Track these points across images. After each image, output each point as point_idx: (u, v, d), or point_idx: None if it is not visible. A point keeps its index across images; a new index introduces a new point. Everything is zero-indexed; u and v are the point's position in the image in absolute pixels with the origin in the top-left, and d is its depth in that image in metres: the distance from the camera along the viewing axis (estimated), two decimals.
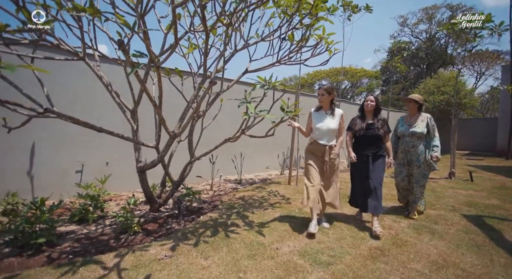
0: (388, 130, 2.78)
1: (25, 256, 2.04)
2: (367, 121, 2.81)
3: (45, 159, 3.47)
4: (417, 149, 3.02)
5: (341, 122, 2.72)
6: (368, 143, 2.76)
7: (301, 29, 3.23)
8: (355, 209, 3.22)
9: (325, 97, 2.67)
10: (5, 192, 3.17)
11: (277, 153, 5.97)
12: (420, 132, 2.99)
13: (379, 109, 2.81)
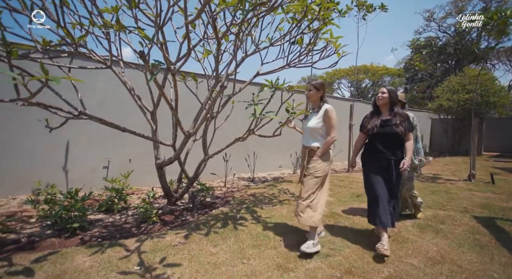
0: (409, 127, 2.33)
1: (63, 238, 2.40)
2: (382, 117, 2.40)
3: (77, 156, 3.92)
4: None
5: (327, 119, 2.30)
6: (385, 143, 2.34)
7: (310, 33, 3.38)
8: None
9: (311, 93, 2.42)
10: (45, 184, 3.63)
11: (290, 152, 6.12)
12: None
13: (394, 102, 2.39)
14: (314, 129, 2.32)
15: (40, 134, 3.56)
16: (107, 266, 1.93)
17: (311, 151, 2.34)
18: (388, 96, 2.37)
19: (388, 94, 2.37)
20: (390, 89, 2.39)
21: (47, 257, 2.02)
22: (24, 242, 2.27)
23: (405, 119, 2.35)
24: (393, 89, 2.41)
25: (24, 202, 3.10)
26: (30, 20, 2.17)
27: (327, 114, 2.29)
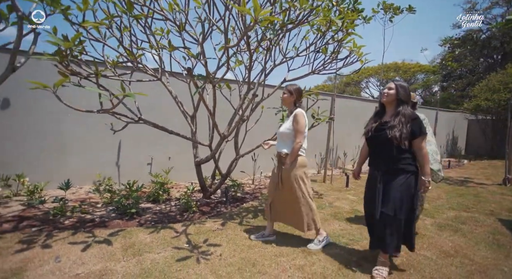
0: (412, 131, 1.85)
1: (125, 220, 2.97)
2: (384, 119, 1.99)
3: (127, 154, 4.59)
4: None
5: (294, 123, 2.24)
6: (378, 151, 2.01)
7: (334, 43, 3.66)
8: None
9: (285, 97, 2.41)
10: (103, 177, 4.33)
11: (315, 153, 6.39)
12: None
13: (403, 101, 1.93)
14: (283, 133, 2.32)
15: (98, 135, 4.26)
16: (163, 242, 2.43)
17: (280, 157, 2.34)
18: (395, 92, 1.93)
19: (396, 90, 1.93)
20: (400, 84, 1.96)
21: (117, 233, 2.59)
22: (98, 221, 2.87)
23: (409, 121, 1.86)
24: (403, 85, 1.96)
25: (91, 191, 3.79)
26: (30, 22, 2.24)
27: (295, 118, 2.25)
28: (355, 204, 3.77)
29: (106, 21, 2.58)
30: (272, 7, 2.99)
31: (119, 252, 2.21)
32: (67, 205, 3.16)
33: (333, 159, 7.18)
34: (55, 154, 4.01)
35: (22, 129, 3.76)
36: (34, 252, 2.13)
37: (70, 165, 4.11)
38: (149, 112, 4.58)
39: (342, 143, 7.19)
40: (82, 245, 2.30)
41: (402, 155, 1.89)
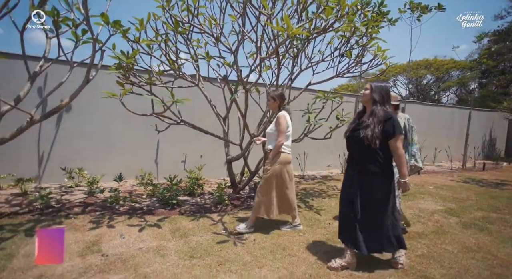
0: (386, 131, 1.87)
1: (167, 209, 3.41)
2: (362, 119, 2.04)
3: (164, 152, 5.10)
4: None
5: (277, 124, 2.57)
6: (353, 151, 2.06)
7: (358, 48, 3.84)
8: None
9: (270, 103, 2.78)
10: (144, 172, 4.88)
11: (339, 153, 6.52)
12: None
13: (376, 100, 1.97)
14: (268, 133, 2.70)
15: (140, 135, 4.80)
16: (203, 228, 2.82)
17: (266, 153, 2.71)
18: (370, 92, 2.00)
19: (370, 90, 2.00)
20: (375, 84, 2.01)
21: (164, 219, 3.02)
22: (146, 209, 3.34)
23: (381, 121, 1.89)
24: (379, 85, 2.00)
25: (135, 184, 4.33)
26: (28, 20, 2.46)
27: (277, 120, 2.58)
28: None
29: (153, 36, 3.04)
30: (299, 17, 3.28)
31: (168, 234, 2.63)
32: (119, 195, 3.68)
33: None
34: (105, 152, 4.61)
35: (80, 130, 4.40)
36: (103, 230, 2.62)
37: (117, 161, 4.69)
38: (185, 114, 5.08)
39: None
40: (138, 227, 2.75)
41: (376, 155, 1.92)
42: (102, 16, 2.59)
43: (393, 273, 2.03)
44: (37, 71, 2.73)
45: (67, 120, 4.28)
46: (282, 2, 3.31)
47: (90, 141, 4.47)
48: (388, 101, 2.01)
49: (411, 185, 2.26)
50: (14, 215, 2.86)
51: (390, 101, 2.04)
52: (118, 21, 2.68)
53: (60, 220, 2.81)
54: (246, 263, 2.10)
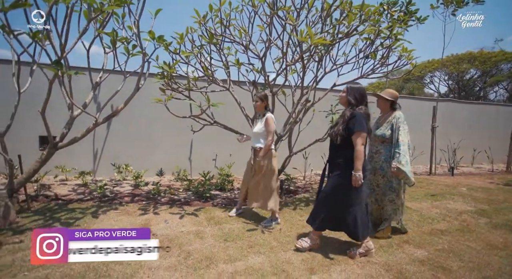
0: (349, 128, 2.11)
1: (201, 201, 3.83)
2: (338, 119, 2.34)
3: (197, 151, 5.59)
4: (381, 155, 2.64)
5: (266, 125, 2.86)
6: (329, 148, 2.34)
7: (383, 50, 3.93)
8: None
9: (258, 104, 3.00)
10: (179, 168, 5.40)
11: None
12: (380, 135, 2.63)
13: (350, 102, 2.20)
14: (258, 133, 2.94)
15: (176, 136, 5.33)
16: (235, 217, 3.17)
17: (256, 151, 2.95)
18: (346, 95, 2.25)
19: (346, 92, 2.25)
20: (351, 87, 2.25)
21: (199, 209, 3.43)
22: (183, 201, 3.80)
23: (346, 120, 2.13)
24: (354, 88, 2.24)
25: (172, 179, 4.84)
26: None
27: (266, 121, 2.86)
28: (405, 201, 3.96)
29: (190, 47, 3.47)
30: (323, 23, 3.49)
31: (204, 221, 3.02)
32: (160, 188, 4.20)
33: None
34: (147, 150, 5.20)
35: (126, 132, 5.03)
36: (150, 216, 3.09)
37: (157, 159, 5.26)
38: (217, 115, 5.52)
39: None
40: (178, 215, 3.19)
41: (344, 152, 2.15)
42: (149, 33, 3.06)
43: (410, 262, 2.20)
44: (98, 81, 3.29)
45: (116, 123, 4.92)
46: (307, 10, 3.55)
47: (134, 140, 5.08)
48: (363, 101, 2.22)
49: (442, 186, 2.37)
50: (80, 201, 3.47)
51: (366, 101, 2.24)
52: (162, 36, 3.14)
53: (116, 206, 3.35)
54: (273, 247, 2.40)
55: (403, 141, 2.54)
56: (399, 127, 2.58)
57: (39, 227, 2.63)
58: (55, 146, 3.00)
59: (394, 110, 2.72)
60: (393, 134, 2.57)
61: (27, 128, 4.36)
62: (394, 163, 2.50)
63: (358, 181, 2.09)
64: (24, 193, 3.10)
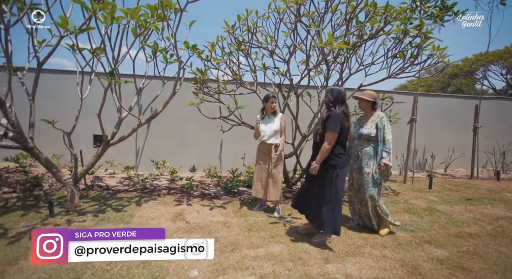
0: (324, 127, 2.39)
1: (230, 196, 4.16)
2: None
3: (227, 149, 5.97)
4: (366, 154, 2.73)
5: (282, 123, 3.32)
6: (312, 145, 2.67)
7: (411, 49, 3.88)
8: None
9: (274, 105, 3.36)
10: (211, 166, 5.83)
11: (396, 154, 6.35)
12: (366, 133, 2.70)
13: (327, 103, 2.48)
14: (276, 131, 3.28)
15: (207, 135, 5.76)
16: (259, 212, 3.43)
17: (275, 147, 3.29)
18: (326, 97, 2.52)
19: (326, 94, 2.53)
20: (329, 89, 2.51)
21: (227, 203, 3.77)
22: (213, 195, 4.17)
23: (324, 120, 2.42)
24: (332, 89, 2.48)
25: (204, 176, 5.27)
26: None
27: (282, 119, 3.34)
28: (434, 204, 3.88)
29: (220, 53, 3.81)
30: (348, 25, 3.59)
31: (231, 213, 3.33)
32: (192, 183, 4.64)
33: (420, 161, 6.87)
34: (181, 148, 5.72)
35: (163, 131, 5.59)
36: (184, 207, 3.50)
37: (190, 156, 5.76)
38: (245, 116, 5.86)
39: (432, 144, 6.79)
40: (208, 207, 3.55)
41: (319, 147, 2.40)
42: (184, 43, 3.47)
43: (427, 260, 2.26)
44: (141, 87, 3.80)
45: (155, 123, 5.49)
46: (332, 11, 3.68)
47: (170, 139, 5.63)
48: (339, 101, 2.44)
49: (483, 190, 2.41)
50: (126, 191, 4.03)
51: (343, 101, 2.47)
52: (195, 45, 3.54)
53: (155, 197, 3.84)
54: (292, 238, 2.62)
55: (388, 139, 2.67)
56: (384, 126, 2.68)
57: (96, 211, 3.17)
58: (108, 143, 3.55)
59: (375, 110, 2.84)
60: (379, 133, 2.68)
61: (83, 128, 5.10)
62: (383, 161, 2.65)
63: (314, 170, 2.40)
64: (83, 183, 3.71)
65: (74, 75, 3.91)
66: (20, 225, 2.75)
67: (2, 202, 3.40)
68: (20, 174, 4.42)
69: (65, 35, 2.86)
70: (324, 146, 2.33)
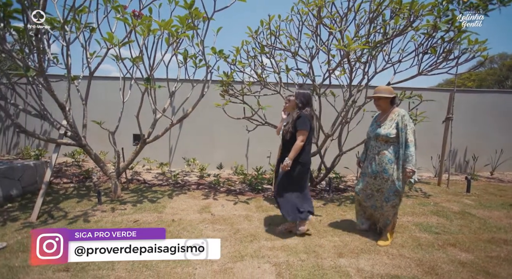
0: (295, 127, 2.55)
1: (254, 193, 4.38)
2: None
3: (253, 149, 6.21)
4: (384, 157, 2.47)
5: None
6: (281, 142, 2.78)
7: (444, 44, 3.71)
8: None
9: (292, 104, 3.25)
10: (238, 164, 6.12)
11: (431, 154, 6.01)
12: (384, 134, 2.45)
13: (297, 105, 2.64)
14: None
15: (234, 135, 6.05)
16: None
17: None
18: (294, 98, 2.69)
19: (295, 97, 2.68)
20: (298, 92, 2.65)
21: (251, 199, 3.99)
22: (238, 191, 4.42)
23: (294, 120, 2.57)
24: (301, 93, 2.64)
25: (230, 173, 5.57)
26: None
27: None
28: (469, 208, 3.67)
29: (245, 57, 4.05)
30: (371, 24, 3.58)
31: (254, 208, 3.55)
32: (219, 179, 4.95)
33: (461, 163, 6.40)
34: (210, 147, 6.09)
35: (194, 131, 6.02)
36: (210, 200, 3.80)
37: (218, 155, 6.11)
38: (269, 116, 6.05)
39: (475, 145, 6.29)
40: (233, 201, 3.81)
41: (290, 146, 2.55)
42: (212, 49, 3.77)
43: (448, 261, 2.22)
44: (173, 91, 4.19)
45: (186, 123, 5.95)
46: (355, 10, 3.69)
47: (200, 138, 6.04)
48: (308, 104, 2.65)
49: None
50: (160, 185, 4.48)
51: (311, 104, 2.68)
52: (221, 50, 3.82)
53: (185, 191, 4.21)
54: (309, 233, 2.74)
55: (412, 141, 2.39)
56: (406, 125, 2.40)
57: (135, 202, 3.62)
58: (145, 141, 4.00)
59: (394, 107, 2.57)
60: (400, 134, 2.41)
61: (125, 127, 5.73)
62: (409, 167, 2.39)
63: (286, 166, 2.53)
64: (124, 176, 4.22)
65: (118, 81, 4.45)
66: (77, 209, 3.28)
67: (63, 190, 4.04)
68: (75, 167, 5.14)
69: (111, 48, 3.32)
70: (297, 144, 2.51)
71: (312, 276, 1.98)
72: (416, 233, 2.80)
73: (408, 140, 2.40)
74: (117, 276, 1.95)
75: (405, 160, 2.41)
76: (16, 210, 3.22)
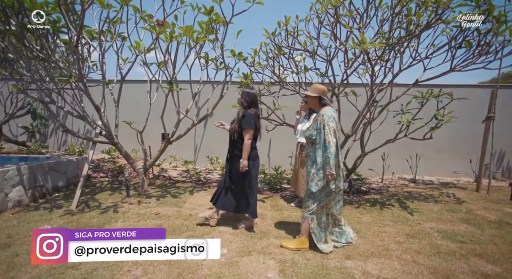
0: (240, 125, 2.66)
1: (272, 192, 4.44)
2: None
3: (274, 148, 6.26)
4: (309, 159, 2.42)
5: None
6: (228, 141, 2.88)
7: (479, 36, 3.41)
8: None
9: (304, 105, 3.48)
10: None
11: (470, 157, 5.51)
12: (308, 135, 2.41)
13: (242, 104, 2.76)
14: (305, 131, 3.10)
15: None
16: (295, 208, 3.61)
17: (301, 146, 3.55)
18: (240, 97, 2.78)
19: (241, 95, 2.78)
20: (244, 91, 2.76)
21: (268, 198, 4.06)
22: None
23: (239, 119, 2.67)
24: (246, 92, 2.75)
25: None
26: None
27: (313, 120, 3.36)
28: (509, 217, 3.33)
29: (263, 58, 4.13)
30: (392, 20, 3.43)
31: (269, 207, 3.62)
32: None
33: (509, 167, 5.77)
34: None
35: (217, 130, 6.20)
36: None
37: None
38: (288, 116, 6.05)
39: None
40: None
41: (239, 145, 2.70)
42: (231, 52, 3.92)
43: (468, 272, 2.08)
44: (196, 92, 4.43)
45: (210, 123, 6.22)
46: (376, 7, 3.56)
47: (222, 137, 6.22)
48: (254, 104, 2.76)
49: None
50: (184, 182, 4.76)
51: (257, 104, 2.80)
52: (241, 53, 3.95)
53: (206, 188, 4.43)
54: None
55: (330, 142, 2.20)
56: (324, 125, 2.23)
57: (159, 196, 3.91)
58: (169, 140, 4.29)
59: (322, 106, 2.38)
60: (318, 134, 2.27)
61: (153, 127, 6.17)
62: (327, 170, 2.20)
63: (244, 167, 2.62)
64: (151, 172, 4.57)
65: (145, 84, 4.83)
66: (109, 201, 3.65)
67: (99, 183, 4.51)
68: (111, 163, 5.67)
69: (138, 54, 3.65)
70: (245, 143, 2.63)
71: (314, 275, 2.00)
72: (437, 240, 2.64)
73: (326, 141, 2.21)
74: (127, 263, 2.17)
75: (325, 162, 2.23)
76: (61, 199, 3.69)
